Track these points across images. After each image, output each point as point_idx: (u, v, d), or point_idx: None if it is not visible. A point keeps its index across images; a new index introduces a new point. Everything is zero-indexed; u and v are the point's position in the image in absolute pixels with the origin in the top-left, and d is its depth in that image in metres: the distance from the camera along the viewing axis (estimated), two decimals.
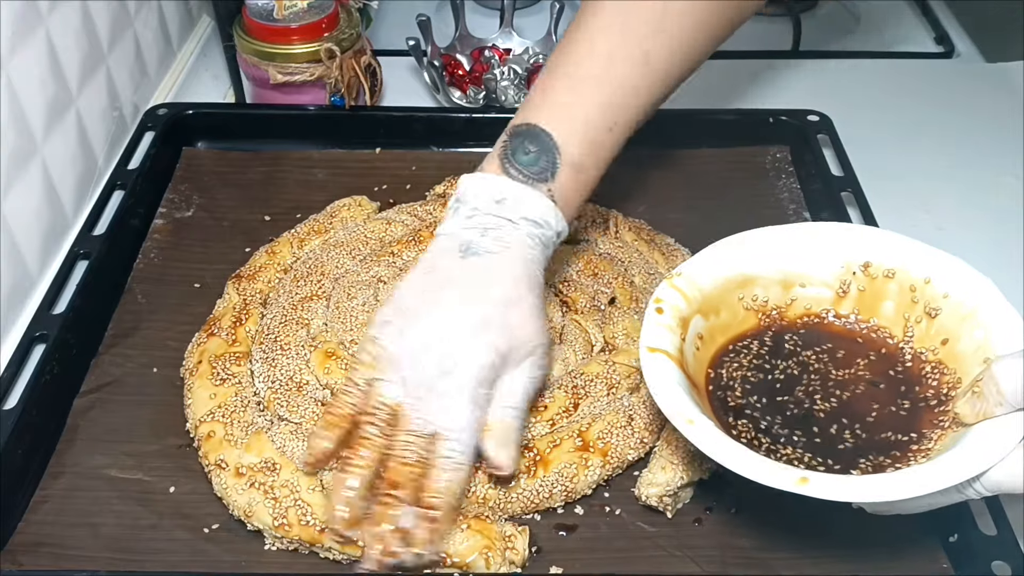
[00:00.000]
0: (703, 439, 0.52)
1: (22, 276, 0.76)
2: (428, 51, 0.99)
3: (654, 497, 0.61)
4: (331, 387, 0.67)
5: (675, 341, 0.58)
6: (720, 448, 0.52)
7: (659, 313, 0.58)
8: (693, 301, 0.60)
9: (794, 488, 0.50)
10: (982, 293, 0.57)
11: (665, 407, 0.54)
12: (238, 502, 0.61)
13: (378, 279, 0.75)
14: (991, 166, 0.91)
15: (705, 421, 0.53)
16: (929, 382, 0.58)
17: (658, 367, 0.56)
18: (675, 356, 0.57)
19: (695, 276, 0.61)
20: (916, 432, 0.56)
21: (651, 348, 0.56)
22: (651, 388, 0.55)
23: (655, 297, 0.59)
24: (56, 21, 0.79)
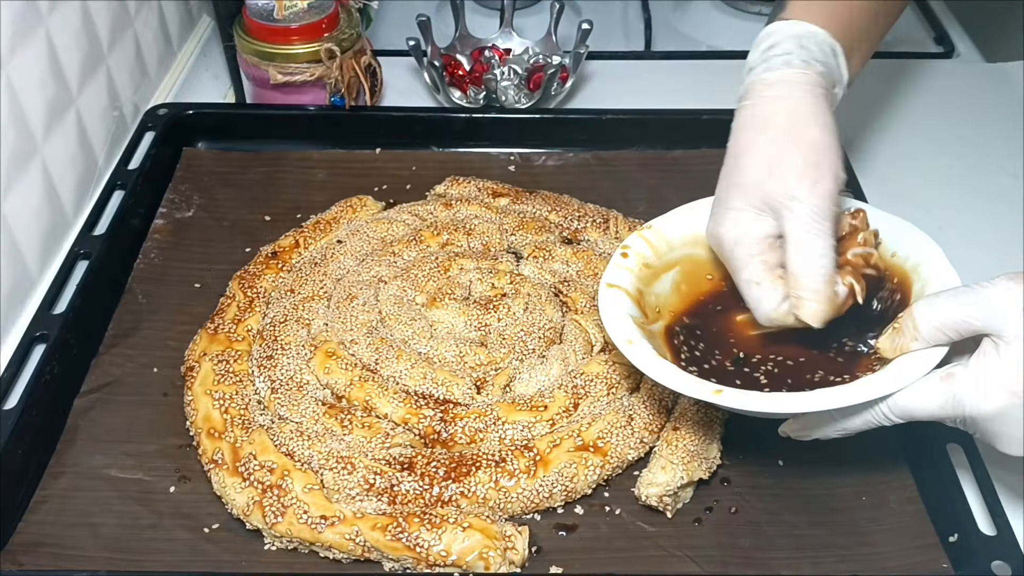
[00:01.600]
0: (637, 356, 0.57)
1: (22, 276, 0.76)
2: (428, 51, 0.99)
3: (654, 497, 0.61)
4: (331, 387, 0.68)
5: (633, 281, 0.62)
6: (650, 365, 0.56)
7: (624, 257, 0.64)
8: (659, 250, 0.64)
9: (709, 398, 0.54)
10: (925, 251, 0.60)
11: (609, 328, 0.59)
12: (237, 501, 0.61)
13: (379, 279, 0.75)
14: (991, 166, 0.91)
15: (644, 343, 0.58)
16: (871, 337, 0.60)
17: (612, 299, 0.61)
18: (632, 294, 0.62)
19: (664, 228, 0.65)
20: (851, 375, 0.58)
21: (609, 284, 0.62)
22: (601, 313, 0.60)
23: (623, 244, 0.64)
24: (56, 21, 0.79)
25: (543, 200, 0.83)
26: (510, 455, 0.63)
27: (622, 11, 1.18)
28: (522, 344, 0.70)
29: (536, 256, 0.77)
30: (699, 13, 1.18)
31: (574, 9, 1.15)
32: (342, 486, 0.61)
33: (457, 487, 0.61)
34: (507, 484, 0.62)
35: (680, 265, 0.65)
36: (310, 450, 0.63)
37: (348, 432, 0.64)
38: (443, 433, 0.65)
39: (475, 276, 0.75)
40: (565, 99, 0.99)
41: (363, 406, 0.66)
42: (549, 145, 0.92)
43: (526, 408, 0.65)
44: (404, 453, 0.63)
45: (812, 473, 0.64)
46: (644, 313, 0.62)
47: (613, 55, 1.07)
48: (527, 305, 0.72)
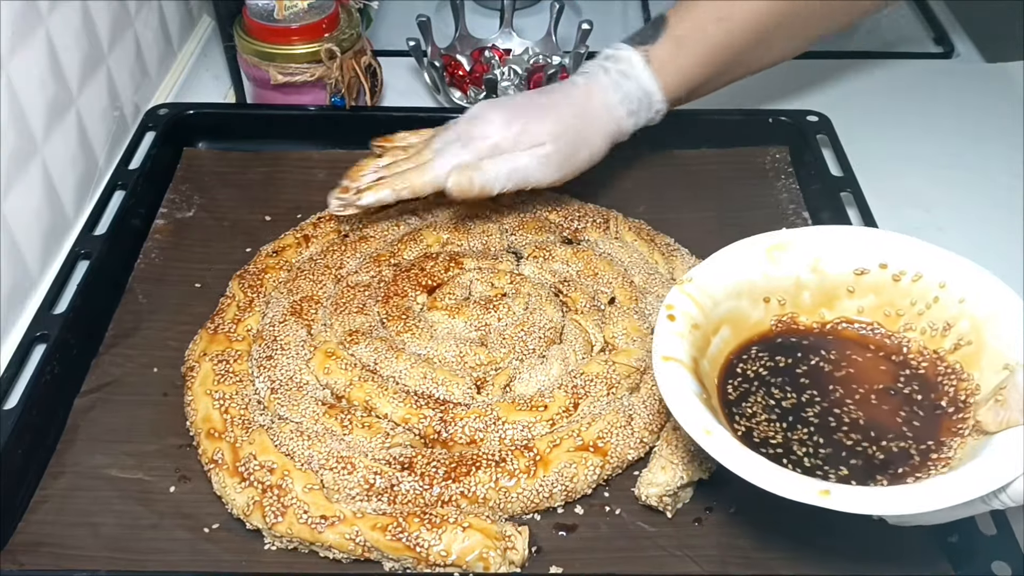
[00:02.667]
0: (721, 450, 0.51)
1: (23, 276, 0.76)
2: (428, 51, 0.99)
3: (654, 497, 0.61)
4: (331, 387, 0.68)
5: (687, 348, 0.57)
6: (739, 460, 0.51)
7: (671, 320, 0.58)
8: (704, 307, 0.59)
9: (816, 501, 0.49)
10: (998, 298, 0.57)
11: (681, 418, 0.53)
12: (237, 501, 0.61)
13: (379, 279, 0.75)
14: (991, 166, 0.91)
15: (722, 432, 0.52)
16: (945, 388, 0.57)
17: (672, 376, 0.55)
18: (688, 364, 0.56)
19: (706, 282, 0.60)
20: (935, 440, 0.55)
21: (665, 357, 0.55)
22: (666, 399, 0.54)
23: (666, 304, 0.58)
24: (56, 21, 0.79)
25: (543, 200, 0.83)
26: (510, 455, 0.63)
27: (622, 11, 1.18)
28: (522, 344, 0.70)
29: (536, 256, 0.77)
30: None
31: (574, 9, 1.15)
32: (342, 486, 0.61)
33: (457, 487, 0.61)
34: (507, 484, 0.62)
35: (727, 323, 0.61)
36: (310, 450, 0.63)
37: (348, 432, 0.64)
38: (443, 433, 0.65)
39: (475, 276, 0.75)
40: None
41: (363, 406, 0.66)
42: None
43: (526, 408, 0.65)
44: (404, 453, 0.63)
45: None
46: (702, 385, 0.56)
47: None
48: (527, 305, 0.72)
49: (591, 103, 0.75)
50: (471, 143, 0.73)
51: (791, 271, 0.62)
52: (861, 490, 0.50)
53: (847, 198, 0.82)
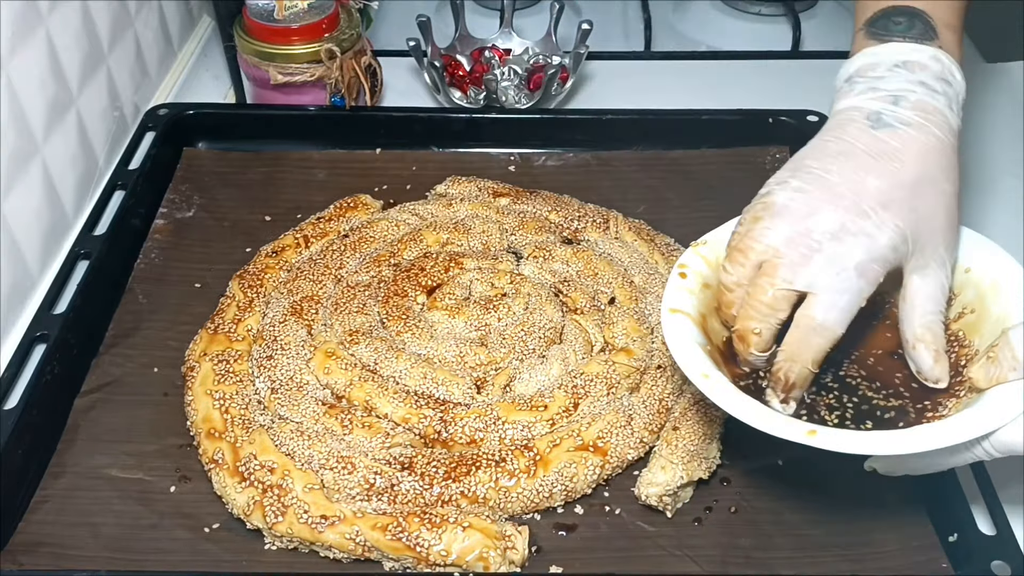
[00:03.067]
0: (716, 392, 0.53)
1: (23, 276, 0.76)
2: (428, 51, 0.99)
3: (654, 496, 0.61)
4: (331, 387, 0.68)
5: (696, 304, 0.58)
6: (733, 401, 0.52)
7: (682, 277, 0.59)
8: (717, 268, 0.59)
9: (803, 439, 0.50)
10: (1001, 267, 0.57)
11: (681, 361, 0.54)
12: (237, 501, 0.61)
13: (379, 279, 0.75)
14: (991, 166, 0.91)
15: (720, 376, 0.54)
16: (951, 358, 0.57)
17: (677, 326, 0.56)
18: (695, 318, 0.57)
19: (719, 244, 0.59)
20: (931, 400, 0.56)
21: (672, 309, 0.57)
22: (669, 344, 0.55)
23: (679, 263, 0.60)
24: (56, 21, 0.79)
25: (543, 200, 0.83)
26: (510, 455, 0.63)
27: (622, 11, 1.18)
28: (522, 344, 0.70)
29: (536, 256, 0.77)
30: (699, 13, 1.18)
31: (574, 9, 1.15)
32: (342, 486, 0.61)
33: (457, 487, 0.61)
34: (507, 484, 0.62)
35: None
36: (310, 450, 0.63)
37: (348, 432, 0.64)
38: (443, 433, 0.65)
39: (475, 276, 0.75)
40: (565, 99, 0.99)
41: (363, 406, 0.66)
42: (549, 145, 0.92)
43: (526, 408, 0.65)
44: (404, 453, 0.63)
45: (812, 473, 0.64)
46: (709, 339, 0.57)
47: (613, 55, 1.07)
48: (527, 305, 0.72)
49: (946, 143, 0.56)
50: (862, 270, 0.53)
51: None
52: (847, 432, 0.52)
53: None
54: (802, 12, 1.13)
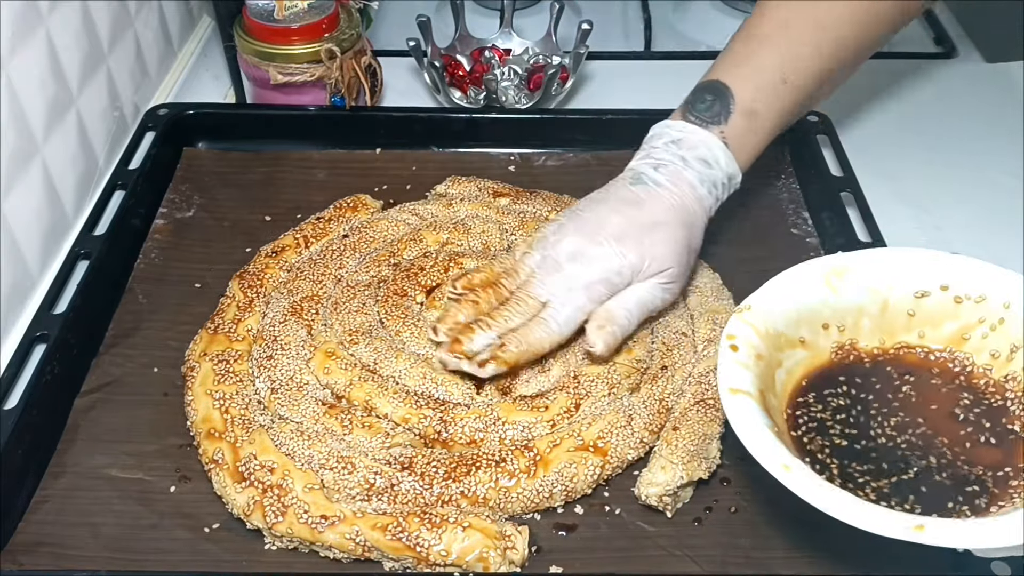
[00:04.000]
0: (803, 486, 0.50)
1: (23, 276, 0.76)
2: (428, 51, 0.99)
3: (654, 496, 0.61)
4: (331, 387, 0.68)
5: (753, 380, 0.55)
6: (823, 496, 0.49)
7: (734, 351, 0.56)
8: (765, 337, 0.58)
9: (909, 536, 0.48)
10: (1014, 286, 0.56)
11: (758, 454, 0.52)
12: (237, 501, 0.61)
13: (379, 278, 0.75)
14: (991, 166, 0.91)
15: (801, 466, 0.51)
16: (1017, 413, 0.56)
17: (742, 410, 0.53)
18: (755, 395, 0.55)
19: (765, 309, 0.59)
20: (1012, 467, 0.53)
21: (733, 390, 0.54)
22: (740, 434, 0.53)
23: (727, 333, 0.57)
24: (56, 21, 0.79)
25: (543, 200, 0.83)
26: (510, 455, 0.63)
27: (622, 11, 1.18)
28: None
29: None
30: (699, 13, 1.18)
31: (574, 9, 1.15)
32: (342, 486, 0.61)
33: (457, 487, 0.61)
34: (507, 484, 0.62)
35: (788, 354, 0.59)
36: (310, 450, 0.63)
37: (348, 432, 0.64)
38: (443, 433, 0.65)
39: None
40: (565, 99, 0.99)
41: (363, 406, 0.66)
42: (549, 145, 0.92)
43: (526, 408, 0.65)
44: (404, 453, 0.63)
45: None
46: (770, 416, 0.55)
47: (613, 55, 1.07)
48: None
49: (687, 205, 0.68)
50: (589, 288, 0.66)
51: (850, 296, 0.61)
52: (955, 523, 0.49)
53: (847, 198, 0.82)
54: None
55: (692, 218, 0.68)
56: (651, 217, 0.67)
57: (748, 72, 0.71)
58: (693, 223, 0.68)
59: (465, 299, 0.68)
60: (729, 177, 0.70)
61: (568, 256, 0.67)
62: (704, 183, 0.68)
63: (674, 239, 0.67)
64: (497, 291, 0.68)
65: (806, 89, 0.71)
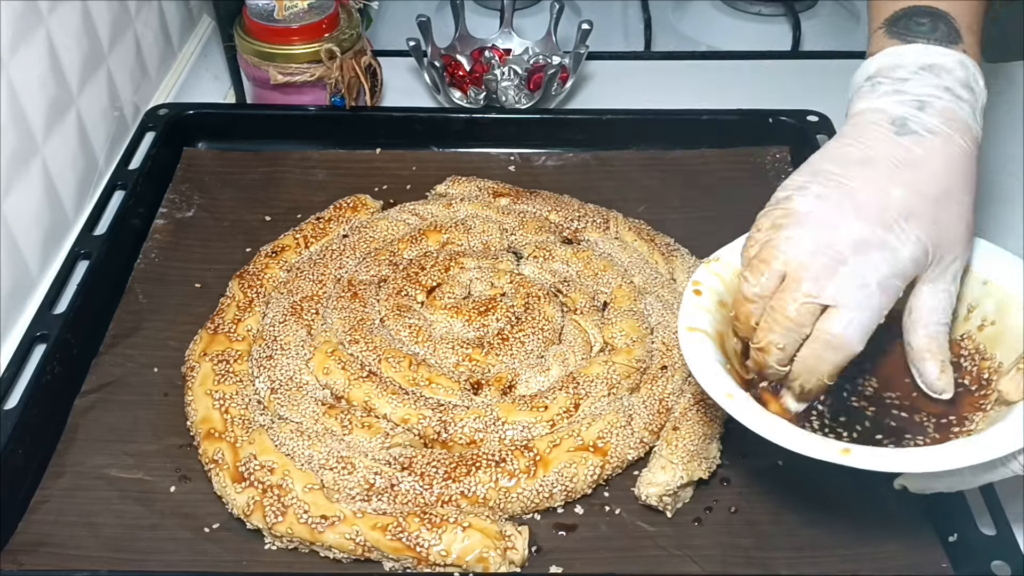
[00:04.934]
0: (743, 412, 0.52)
1: (23, 276, 0.76)
2: (428, 51, 0.99)
3: (654, 496, 0.61)
4: (331, 387, 0.68)
5: (712, 322, 0.57)
6: (760, 421, 0.51)
7: (697, 295, 0.58)
8: (731, 286, 0.58)
9: (837, 459, 0.49)
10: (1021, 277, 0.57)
11: (704, 382, 0.53)
12: (237, 501, 0.61)
13: (378, 278, 0.75)
14: (991, 166, 0.91)
15: (744, 395, 0.53)
16: (967, 368, 0.57)
17: (697, 345, 0.55)
18: (713, 336, 0.56)
19: (732, 261, 0.59)
20: (956, 415, 0.55)
21: (690, 328, 0.56)
22: (690, 365, 0.54)
23: (693, 280, 0.59)
24: (56, 21, 0.79)
25: (543, 200, 0.83)
26: (510, 455, 0.63)
27: (622, 11, 1.18)
28: (521, 344, 0.70)
29: (536, 256, 0.77)
30: (699, 13, 1.18)
31: (574, 9, 1.15)
32: (342, 486, 0.61)
33: (457, 487, 0.61)
34: (507, 484, 0.62)
35: None
36: (310, 450, 0.63)
37: (348, 432, 0.64)
38: (443, 433, 0.65)
39: (475, 275, 0.75)
40: (565, 99, 0.99)
41: (363, 406, 0.66)
42: (549, 145, 0.92)
43: (526, 408, 0.65)
44: (404, 453, 0.63)
45: (812, 473, 0.64)
46: (727, 357, 0.57)
47: (613, 55, 1.07)
48: (527, 305, 0.72)
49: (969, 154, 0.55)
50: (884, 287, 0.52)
51: None
52: (881, 450, 0.51)
53: None
54: (802, 12, 1.13)
55: (971, 176, 0.54)
56: (938, 184, 0.53)
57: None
58: (974, 173, 0.55)
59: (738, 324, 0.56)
60: (985, 97, 0.57)
61: (852, 245, 0.51)
62: (974, 113, 0.55)
63: (968, 212, 0.54)
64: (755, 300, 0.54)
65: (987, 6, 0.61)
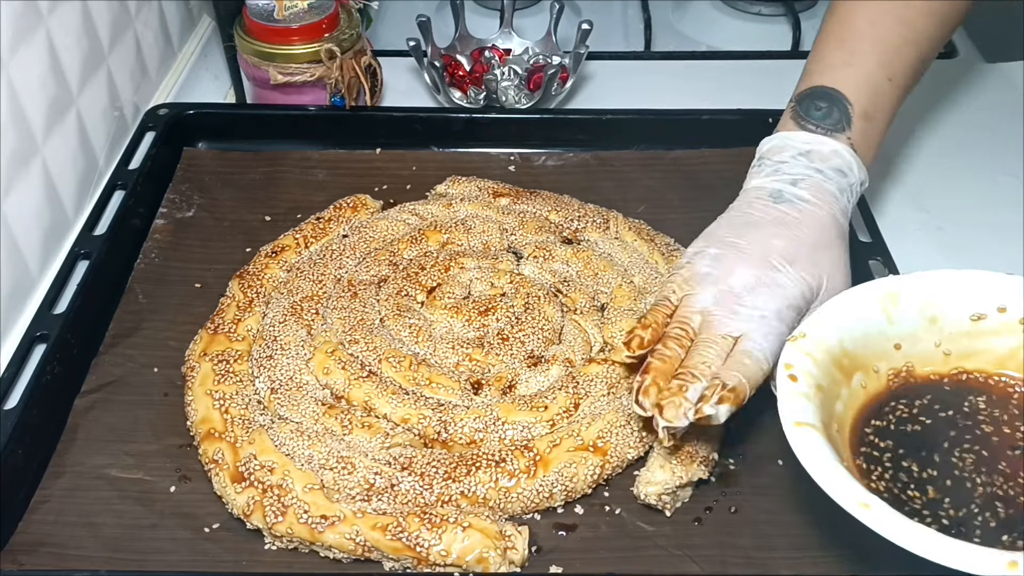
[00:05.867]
0: (884, 525, 0.48)
1: (23, 276, 0.76)
2: (428, 51, 0.99)
3: (652, 495, 0.61)
4: (331, 387, 0.68)
5: (815, 411, 0.53)
6: (907, 534, 0.48)
7: (793, 380, 0.54)
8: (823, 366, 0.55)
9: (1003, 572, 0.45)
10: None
11: (832, 491, 0.49)
12: (237, 501, 0.61)
13: (378, 278, 0.75)
14: (991, 166, 0.91)
15: (880, 503, 0.49)
16: None
17: (810, 445, 0.51)
18: (819, 428, 0.52)
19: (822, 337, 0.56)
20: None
21: (798, 423, 0.52)
22: (810, 470, 0.50)
23: (784, 362, 0.55)
24: (56, 21, 0.79)
25: (543, 200, 0.83)
26: (510, 455, 0.63)
27: (622, 11, 1.18)
28: (521, 344, 0.70)
29: (536, 256, 0.77)
30: (699, 13, 1.18)
31: (574, 9, 1.15)
32: (342, 486, 0.61)
33: (457, 487, 0.61)
34: (507, 484, 0.62)
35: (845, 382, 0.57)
36: (310, 450, 0.63)
37: (348, 432, 0.64)
38: (443, 433, 0.65)
39: (475, 275, 0.75)
40: (565, 99, 0.99)
41: (363, 406, 0.66)
42: (549, 145, 0.92)
43: (526, 408, 0.65)
44: (404, 453, 0.63)
45: None
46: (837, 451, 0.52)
47: (613, 55, 1.07)
48: (527, 305, 0.72)
49: (836, 217, 0.66)
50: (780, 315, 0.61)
51: (905, 322, 0.59)
52: None
53: None
54: (802, 12, 1.13)
55: (843, 230, 0.66)
56: (812, 236, 0.64)
57: (854, 75, 0.69)
58: (845, 235, 0.66)
59: (654, 359, 0.60)
60: (861, 184, 0.69)
61: (746, 287, 0.61)
62: (844, 193, 0.67)
63: (841, 255, 0.65)
64: (679, 342, 0.60)
65: (906, 86, 0.71)
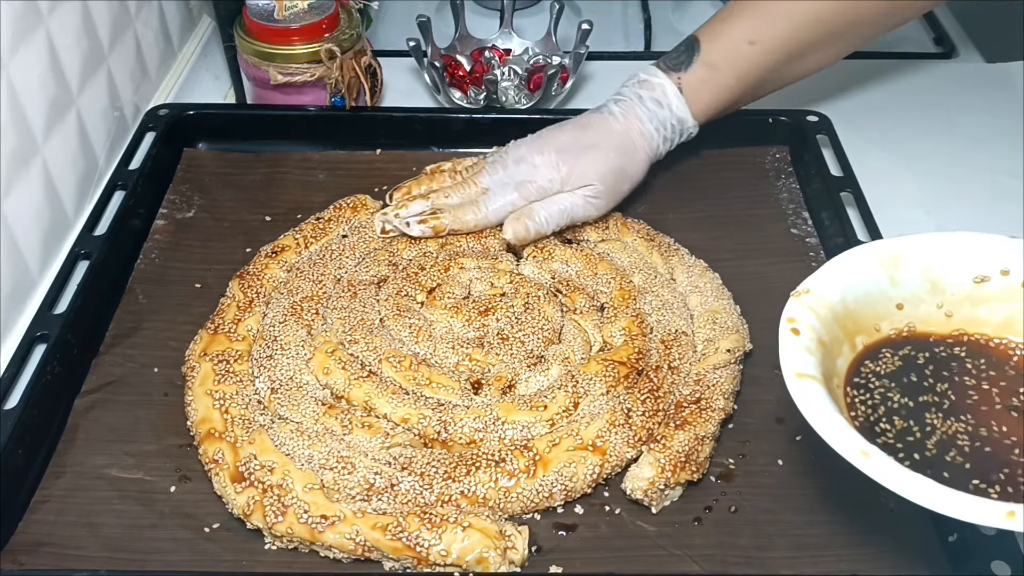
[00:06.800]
0: (882, 473, 0.48)
1: (23, 276, 0.76)
2: (428, 52, 0.99)
3: (639, 491, 0.62)
4: (331, 387, 0.68)
5: (817, 364, 0.54)
6: (904, 481, 0.48)
7: (795, 335, 0.55)
8: (825, 321, 0.56)
9: (1001, 523, 0.46)
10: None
11: (832, 441, 0.50)
12: (237, 501, 0.61)
13: (378, 278, 0.75)
14: (991, 166, 0.91)
15: (879, 453, 0.49)
16: None
17: (811, 395, 0.52)
18: (820, 379, 0.53)
19: (824, 292, 0.57)
20: None
21: (799, 374, 0.53)
22: (811, 421, 0.51)
23: (787, 316, 0.56)
24: (56, 21, 0.79)
25: None
26: (510, 455, 0.63)
27: (622, 11, 1.18)
28: (520, 344, 0.70)
29: (536, 256, 0.77)
30: (699, 13, 1.17)
31: (574, 9, 1.15)
32: (342, 486, 0.61)
33: (457, 487, 0.61)
34: (507, 484, 0.62)
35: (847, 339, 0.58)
36: (310, 450, 0.63)
37: (348, 432, 0.64)
38: (443, 433, 0.65)
39: (475, 275, 0.75)
40: (565, 99, 0.99)
41: (363, 406, 0.66)
42: None
43: (526, 408, 0.65)
44: (404, 453, 0.63)
45: (812, 473, 0.64)
46: (836, 402, 0.53)
47: (613, 55, 1.07)
48: (526, 305, 0.72)
49: (631, 135, 0.78)
50: (522, 186, 0.77)
51: (906, 282, 0.59)
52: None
53: (847, 198, 0.82)
54: None
55: (632, 148, 0.77)
56: (592, 139, 0.77)
57: (719, 30, 0.79)
58: (632, 153, 0.78)
59: (423, 176, 0.82)
60: (679, 120, 0.78)
61: (515, 159, 0.77)
62: (652, 120, 0.78)
63: (607, 159, 0.76)
64: (453, 176, 0.81)
65: (774, 55, 0.78)
